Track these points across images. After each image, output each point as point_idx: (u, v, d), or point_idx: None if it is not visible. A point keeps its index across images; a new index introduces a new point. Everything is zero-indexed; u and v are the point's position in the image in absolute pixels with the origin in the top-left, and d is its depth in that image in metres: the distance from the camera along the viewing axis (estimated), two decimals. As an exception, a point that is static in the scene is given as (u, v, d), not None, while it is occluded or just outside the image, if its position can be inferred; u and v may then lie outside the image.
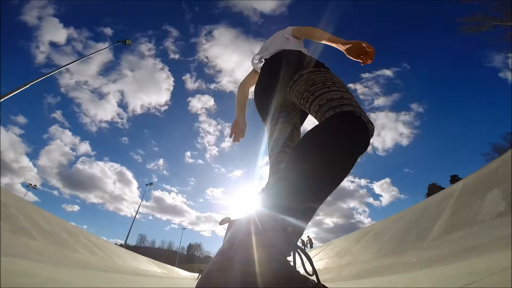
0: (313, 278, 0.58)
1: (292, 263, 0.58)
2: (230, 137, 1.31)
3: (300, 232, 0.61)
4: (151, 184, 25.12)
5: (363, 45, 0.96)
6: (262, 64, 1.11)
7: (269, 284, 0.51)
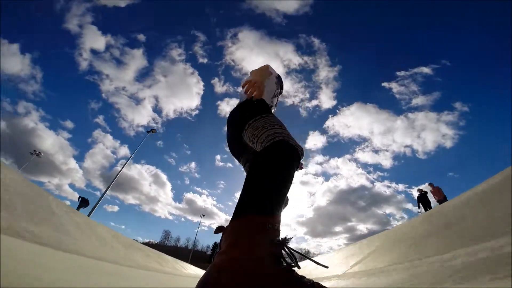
0: (309, 277, 0.63)
1: (286, 262, 0.65)
2: (245, 87, 1.27)
3: (278, 227, 0.72)
4: (153, 130, 16.22)
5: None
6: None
7: (266, 284, 0.56)
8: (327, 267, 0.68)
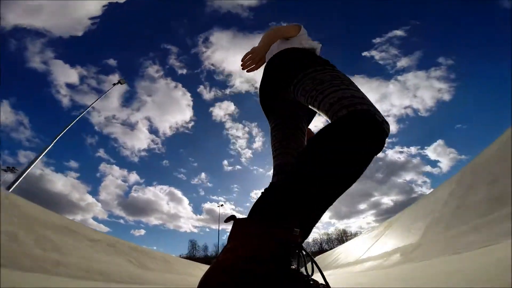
0: (315, 277, 0.59)
1: (294, 263, 0.59)
2: (243, 64, 1.16)
3: (307, 232, 0.62)
4: (222, 205, 19.76)
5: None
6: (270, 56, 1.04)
7: (270, 284, 0.53)
8: (327, 283, 0.58)
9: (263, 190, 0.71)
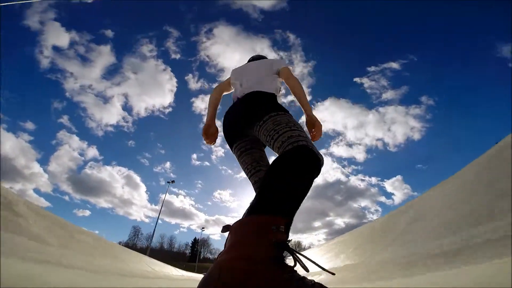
0: (311, 277, 0.64)
1: (289, 263, 0.65)
2: (204, 140, 1.43)
3: (288, 233, 0.72)
4: (173, 181, 24.07)
5: (319, 125, 1.21)
6: (241, 94, 1.23)
7: (268, 283, 0.57)
8: (333, 274, 0.66)
9: (253, 197, 0.86)
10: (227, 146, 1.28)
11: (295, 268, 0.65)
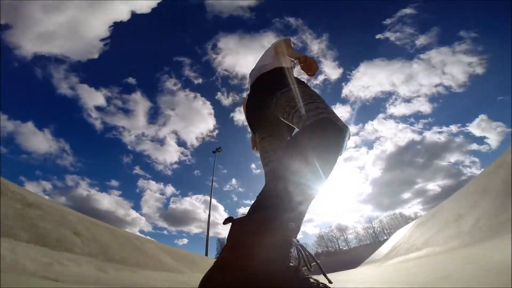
0: (315, 276, 0.60)
1: (293, 261, 0.61)
2: (253, 149, 1.48)
3: (298, 228, 0.69)
4: (218, 150, 19.28)
5: (310, 58, 1.06)
6: (251, 84, 1.22)
7: (270, 282, 0.53)
8: (331, 282, 0.59)
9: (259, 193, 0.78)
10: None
11: (299, 267, 0.60)
